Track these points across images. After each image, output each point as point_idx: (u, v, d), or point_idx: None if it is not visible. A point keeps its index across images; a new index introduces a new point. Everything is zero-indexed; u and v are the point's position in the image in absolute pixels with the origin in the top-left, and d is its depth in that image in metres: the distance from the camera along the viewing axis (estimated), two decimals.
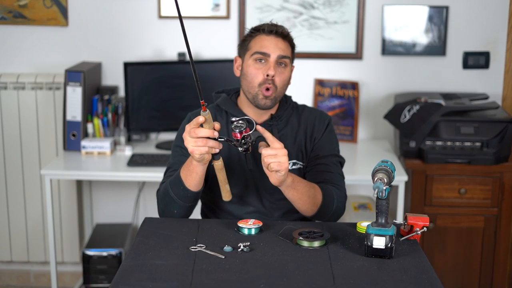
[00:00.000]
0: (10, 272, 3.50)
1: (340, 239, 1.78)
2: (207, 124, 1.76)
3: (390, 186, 1.66)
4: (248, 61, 2.07)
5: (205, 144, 1.76)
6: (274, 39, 2.06)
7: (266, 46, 2.05)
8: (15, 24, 3.32)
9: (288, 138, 2.12)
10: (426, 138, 2.95)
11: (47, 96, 3.25)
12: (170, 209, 1.99)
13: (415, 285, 1.52)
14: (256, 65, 2.05)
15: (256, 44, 2.06)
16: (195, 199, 1.98)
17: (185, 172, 1.91)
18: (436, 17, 3.26)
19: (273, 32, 2.06)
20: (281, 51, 2.05)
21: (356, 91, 3.30)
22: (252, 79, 2.05)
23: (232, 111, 2.12)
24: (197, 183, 1.91)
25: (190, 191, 1.93)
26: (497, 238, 2.96)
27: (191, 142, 1.77)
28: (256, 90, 2.05)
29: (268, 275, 1.56)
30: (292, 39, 2.12)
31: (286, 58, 2.07)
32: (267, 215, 2.09)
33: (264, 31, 2.07)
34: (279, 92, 2.08)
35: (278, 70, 2.05)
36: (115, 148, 3.13)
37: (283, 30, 2.08)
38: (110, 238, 3.22)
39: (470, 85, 3.32)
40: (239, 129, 1.77)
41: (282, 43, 2.06)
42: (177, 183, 1.94)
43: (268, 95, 2.04)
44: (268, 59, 2.04)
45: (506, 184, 2.92)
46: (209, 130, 1.76)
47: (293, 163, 2.10)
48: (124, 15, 3.32)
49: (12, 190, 3.33)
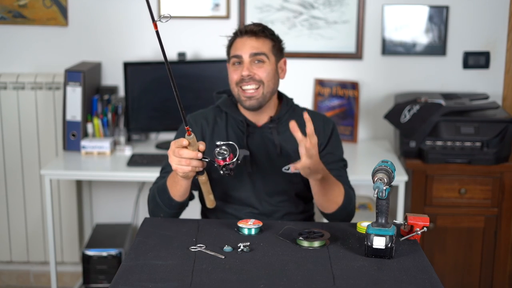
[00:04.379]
0: (10, 272, 3.50)
1: (340, 239, 1.78)
2: (191, 146, 1.78)
3: (390, 186, 1.66)
4: (229, 67, 2.10)
5: (189, 164, 1.78)
6: (246, 39, 2.06)
7: (238, 48, 2.06)
8: (15, 24, 3.32)
9: (288, 141, 2.09)
10: (426, 138, 2.94)
11: (47, 96, 3.25)
12: (157, 212, 2.02)
13: (415, 285, 1.52)
14: (233, 67, 2.07)
15: (232, 48, 2.08)
16: (180, 207, 2.00)
17: (171, 182, 1.94)
18: (436, 17, 3.25)
19: (243, 33, 2.07)
20: (252, 49, 2.04)
21: (356, 91, 3.29)
22: (231, 81, 2.08)
23: (232, 112, 2.12)
24: (181, 194, 1.94)
25: (174, 201, 1.95)
26: (497, 238, 2.96)
27: (175, 161, 1.79)
28: (237, 91, 2.06)
29: (268, 275, 1.56)
30: (270, 34, 2.10)
31: (260, 54, 2.05)
32: (267, 217, 2.09)
33: (238, 34, 2.08)
34: (267, 86, 2.06)
35: (256, 67, 2.04)
36: (115, 148, 3.13)
37: (254, 28, 2.07)
38: (110, 238, 3.22)
39: (470, 85, 3.32)
40: (222, 156, 1.79)
41: (254, 41, 2.06)
42: (163, 190, 1.97)
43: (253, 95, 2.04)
44: (242, 60, 2.05)
45: (506, 184, 2.92)
46: (193, 152, 1.77)
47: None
48: (124, 15, 3.32)
49: (12, 190, 3.33)
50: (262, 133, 2.11)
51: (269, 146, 2.10)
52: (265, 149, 2.09)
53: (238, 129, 2.11)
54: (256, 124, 2.12)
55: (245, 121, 2.10)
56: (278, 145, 2.08)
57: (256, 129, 2.11)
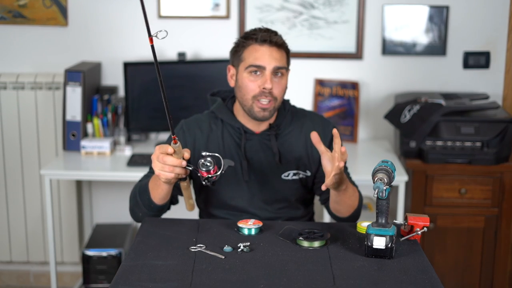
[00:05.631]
0: (10, 272, 3.50)
1: (340, 239, 1.78)
2: (176, 154, 1.77)
3: (390, 186, 1.66)
4: (243, 73, 1.98)
5: (172, 171, 1.76)
6: (268, 49, 1.95)
7: (260, 58, 1.95)
8: (15, 24, 3.32)
9: (287, 148, 2.06)
10: (427, 138, 2.94)
11: (46, 96, 3.25)
12: (136, 211, 2.00)
13: (415, 285, 1.52)
14: (251, 77, 1.97)
15: (250, 55, 1.96)
16: (159, 210, 1.97)
17: (152, 185, 1.91)
18: (437, 16, 3.25)
19: (267, 42, 1.95)
20: (276, 62, 1.95)
21: (356, 91, 3.29)
22: (247, 91, 1.97)
23: (228, 119, 2.06)
24: (162, 197, 1.91)
25: (154, 203, 1.93)
26: (497, 238, 2.96)
27: (158, 167, 1.76)
28: (251, 103, 1.98)
29: (268, 275, 1.56)
30: (287, 46, 2.02)
31: (283, 68, 1.98)
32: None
33: (257, 40, 1.96)
34: (278, 102, 2.01)
35: (275, 81, 1.96)
36: (114, 148, 3.13)
37: (277, 39, 1.97)
38: (109, 238, 3.22)
39: (470, 85, 3.32)
40: (206, 168, 1.78)
41: (277, 52, 1.96)
42: (144, 191, 1.94)
43: (267, 107, 1.97)
44: (263, 71, 1.95)
45: (506, 184, 2.92)
46: (177, 160, 1.75)
47: (294, 173, 2.06)
48: (124, 15, 3.32)
49: (12, 190, 3.33)
50: (260, 140, 2.06)
51: (268, 153, 2.05)
52: (264, 156, 2.05)
53: (234, 137, 2.06)
54: (255, 131, 2.06)
55: (242, 128, 2.05)
56: (276, 153, 2.04)
57: (253, 136, 2.05)
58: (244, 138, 2.04)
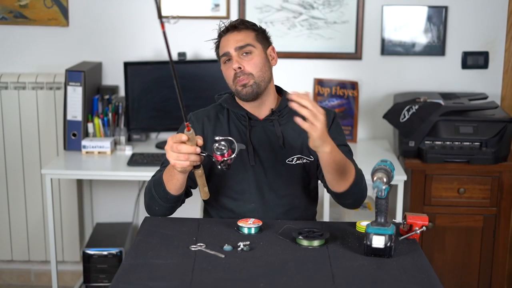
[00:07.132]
0: (11, 271, 3.51)
1: (340, 238, 1.79)
2: (189, 141, 1.79)
3: (389, 186, 1.67)
4: (222, 67, 2.12)
5: (187, 159, 1.79)
6: (230, 35, 2.09)
7: (224, 45, 2.09)
8: (16, 24, 3.32)
9: (290, 133, 2.10)
10: (425, 138, 2.95)
11: (47, 96, 3.26)
12: (152, 205, 2.02)
13: (414, 284, 1.53)
14: (226, 66, 2.10)
15: (221, 49, 2.12)
16: (175, 201, 1.99)
17: (167, 176, 1.94)
18: (435, 17, 3.26)
19: (229, 30, 2.10)
20: (237, 43, 2.07)
21: (356, 91, 3.30)
22: (227, 79, 2.10)
23: (234, 108, 2.13)
24: (177, 188, 1.93)
25: (170, 194, 1.95)
26: (496, 238, 2.97)
27: (173, 156, 1.79)
28: (234, 87, 2.08)
29: (268, 274, 1.56)
30: (250, 25, 2.12)
31: (246, 46, 2.07)
32: (270, 212, 2.08)
33: (223, 34, 2.12)
34: (258, 77, 2.06)
35: (244, 60, 2.06)
36: (115, 147, 3.14)
37: (236, 23, 2.11)
38: (110, 237, 3.23)
39: (469, 85, 3.33)
40: (220, 152, 1.80)
41: (238, 34, 2.08)
42: (159, 184, 1.96)
43: (245, 83, 2.05)
44: (230, 56, 2.07)
45: (505, 183, 2.93)
46: (192, 147, 1.78)
47: (297, 157, 2.09)
48: (124, 15, 3.32)
49: (13, 190, 3.34)
50: (264, 126, 2.11)
51: (272, 139, 2.10)
52: (268, 141, 2.10)
53: (240, 123, 2.12)
54: (258, 117, 2.12)
55: (246, 115, 2.11)
56: (280, 137, 2.09)
57: (258, 123, 2.12)
58: (249, 124, 2.10)
